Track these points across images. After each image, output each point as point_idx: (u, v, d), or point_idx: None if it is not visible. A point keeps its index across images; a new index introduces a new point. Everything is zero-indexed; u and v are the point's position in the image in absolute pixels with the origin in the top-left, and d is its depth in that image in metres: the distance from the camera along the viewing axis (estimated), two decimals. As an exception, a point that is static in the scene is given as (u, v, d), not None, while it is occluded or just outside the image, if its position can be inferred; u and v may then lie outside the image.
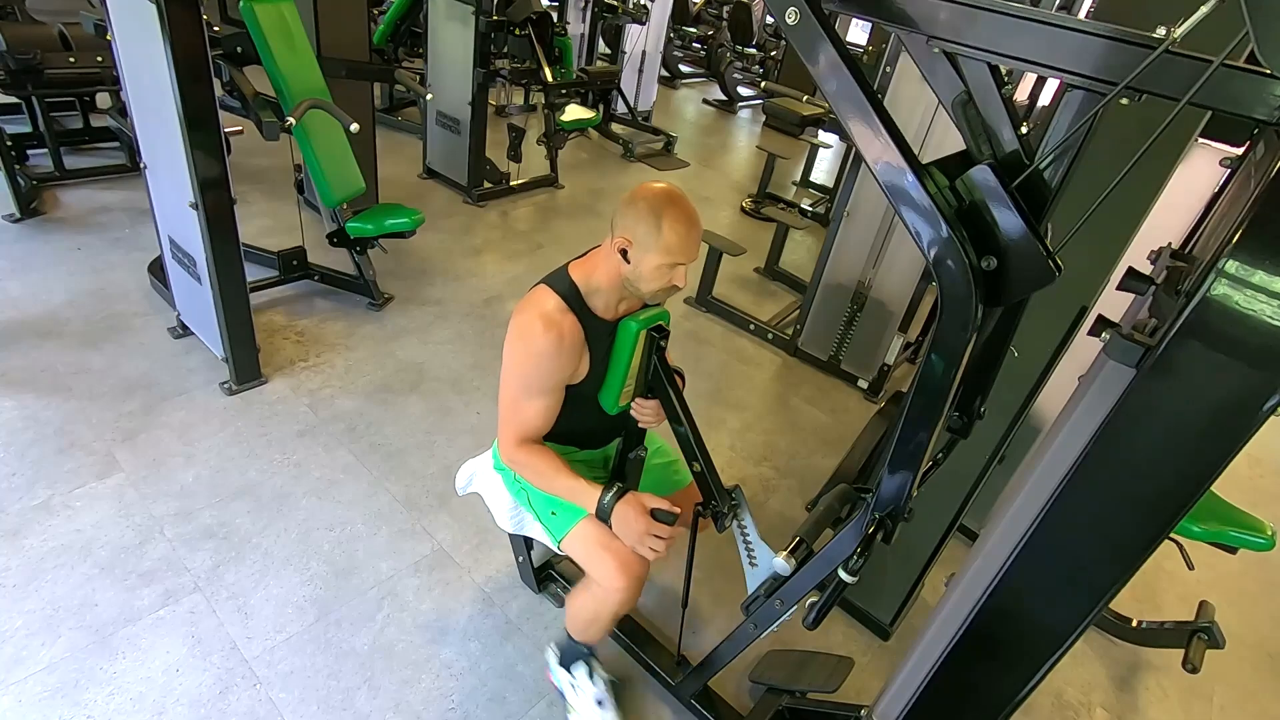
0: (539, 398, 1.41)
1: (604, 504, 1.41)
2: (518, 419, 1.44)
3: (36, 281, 2.83)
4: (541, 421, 1.45)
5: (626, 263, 1.33)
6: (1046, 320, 1.59)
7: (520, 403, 1.42)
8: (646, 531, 1.38)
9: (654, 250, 1.31)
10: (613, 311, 1.44)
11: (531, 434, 1.46)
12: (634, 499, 1.41)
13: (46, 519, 1.93)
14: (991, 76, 0.93)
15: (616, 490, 1.41)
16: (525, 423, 1.44)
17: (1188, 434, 0.85)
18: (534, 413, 1.43)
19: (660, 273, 1.33)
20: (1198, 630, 2.01)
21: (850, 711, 1.59)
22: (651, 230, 1.30)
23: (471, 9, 3.78)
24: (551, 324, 1.34)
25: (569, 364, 1.39)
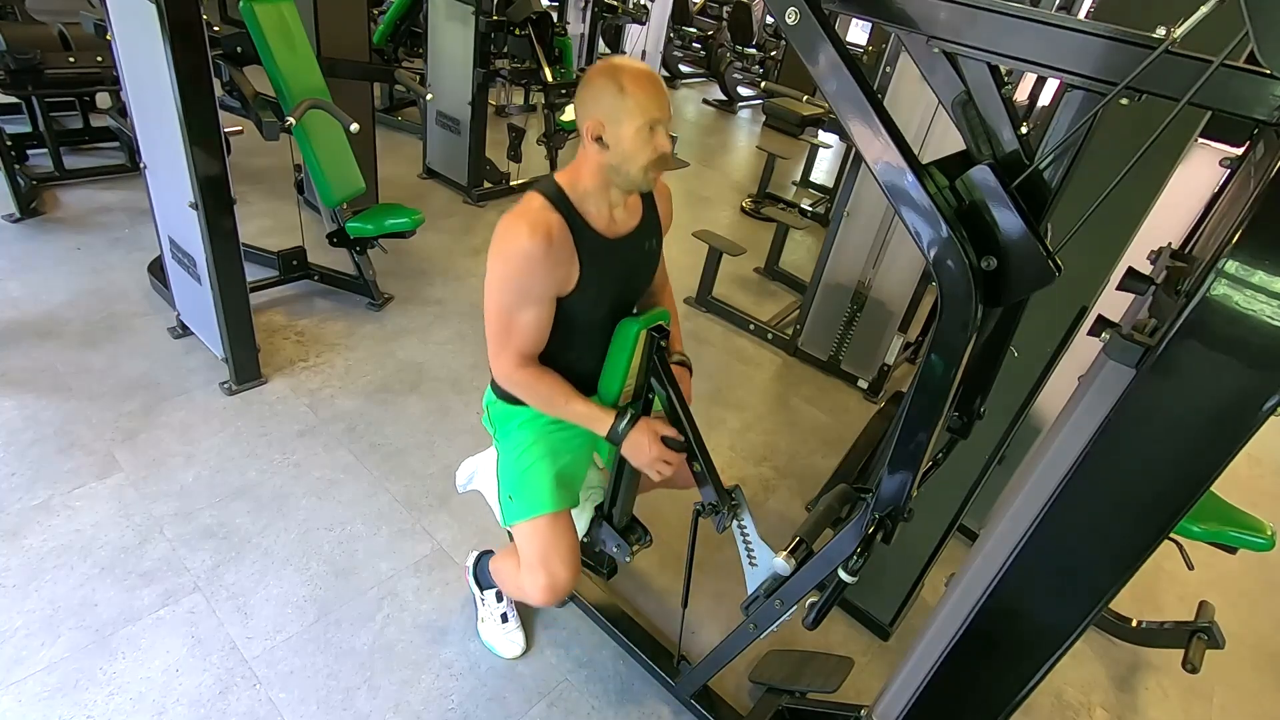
0: (530, 307, 1.32)
1: (618, 430, 1.38)
2: (511, 336, 1.35)
3: (36, 281, 2.83)
4: (536, 335, 1.36)
5: (605, 147, 1.27)
6: (1046, 320, 1.59)
7: (511, 316, 1.33)
8: (658, 458, 1.39)
9: (625, 116, 1.23)
10: (606, 220, 1.36)
11: (529, 350, 1.37)
12: (647, 426, 1.39)
13: (46, 519, 1.93)
14: (991, 76, 0.94)
15: (630, 417, 1.39)
16: (520, 339, 1.35)
17: (1188, 434, 0.85)
18: (526, 325, 1.34)
19: (641, 138, 1.25)
20: (1198, 630, 2.01)
21: (850, 711, 1.59)
22: (615, 98, 1.23)
23: (471, 9, 3.78)
24: (537, 224, 1.26)
25: (558, 268, 1.30)
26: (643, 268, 1.50)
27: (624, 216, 1.40)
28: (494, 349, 1.37)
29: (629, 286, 1.49)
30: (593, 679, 1.81)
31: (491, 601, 1.84)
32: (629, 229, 1.42)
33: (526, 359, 1.38)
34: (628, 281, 1.47)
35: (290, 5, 2.67)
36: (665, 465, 1.41)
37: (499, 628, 1.83)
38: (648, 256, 1.49)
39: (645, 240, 1.46)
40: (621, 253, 1.41)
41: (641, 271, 1.50)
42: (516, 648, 1.82)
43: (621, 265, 1.43)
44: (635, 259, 1.46)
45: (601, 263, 1.36)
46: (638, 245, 1.44)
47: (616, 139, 1.26)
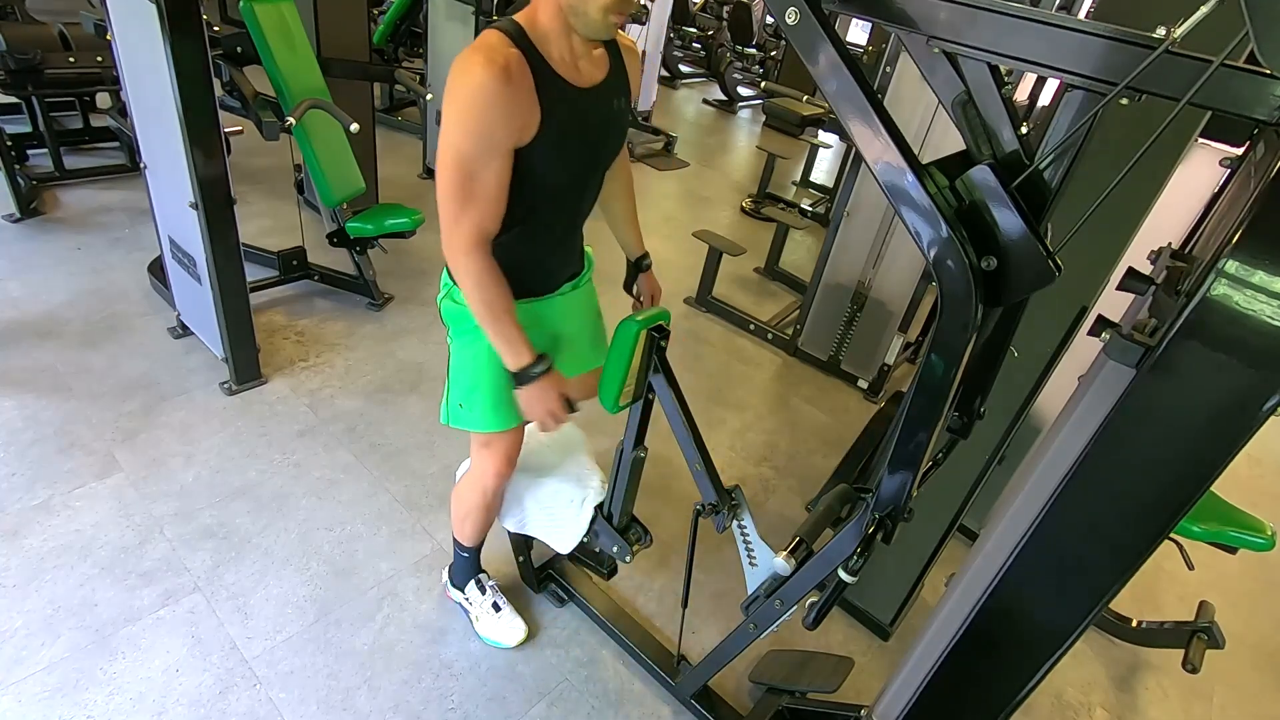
0: (491, 160, 1.19)
1: (530, 372, 1.32)
2: (470, 201, 1.21)
3: (36, 281, 2.83)
4: (495, 201, 1.23)
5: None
6: (1046, 320, 1.59)
7: (470, 171, 1.19)
8: (551, 413, 1.38)
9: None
10: (570, 67, 1.25)
11: (486, 224, 1.24)
12: (555, 381, 1.36)
13: (46, 519, 1.93)
14: (991, 76, 0.93)
15: (546, 368, 1.34)
16: (479, 205, 1.22)
17: (1188, 434, 0.85)
18: (486, 187, 1.20)
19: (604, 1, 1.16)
20: (1198, 630, 2.01)
21: (850, 711, 1.60)
22: None
23: (471, 9, 3.79)
24: (494, 57, 1.13)
25: (517, 111, 1.18)
26: (612, 129, 1.38)
27: (589, 68, 1.29)
28: (449, 220, 1.22)
29: (596, 148, 1.36)
30: (593, 679, 1.81)
31: (476, 596, 1.84)
32: (595, 81, 1.30)
33: (482, 238, 1.25)
34: (594, 141, 1.35)
35: (290, 5, 2.68)
36: (553, 421, 1.40)
37: (494, 619, 1.83)
38: (617, 116, 1.38)
39: (613, 98, 1.35)
40: (587, 105, 1.29)
41: (611, 133, 1.39)
42: (519, 632, 1.83)
43: (587, 120, 1.30)
44: (604, 116, 1.34)
45: (565, 112, 1.24)
46: (605, 101, 1.33)
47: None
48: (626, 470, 1.57)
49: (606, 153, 1.40)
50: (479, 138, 1.17)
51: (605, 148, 1.39)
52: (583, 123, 1.29)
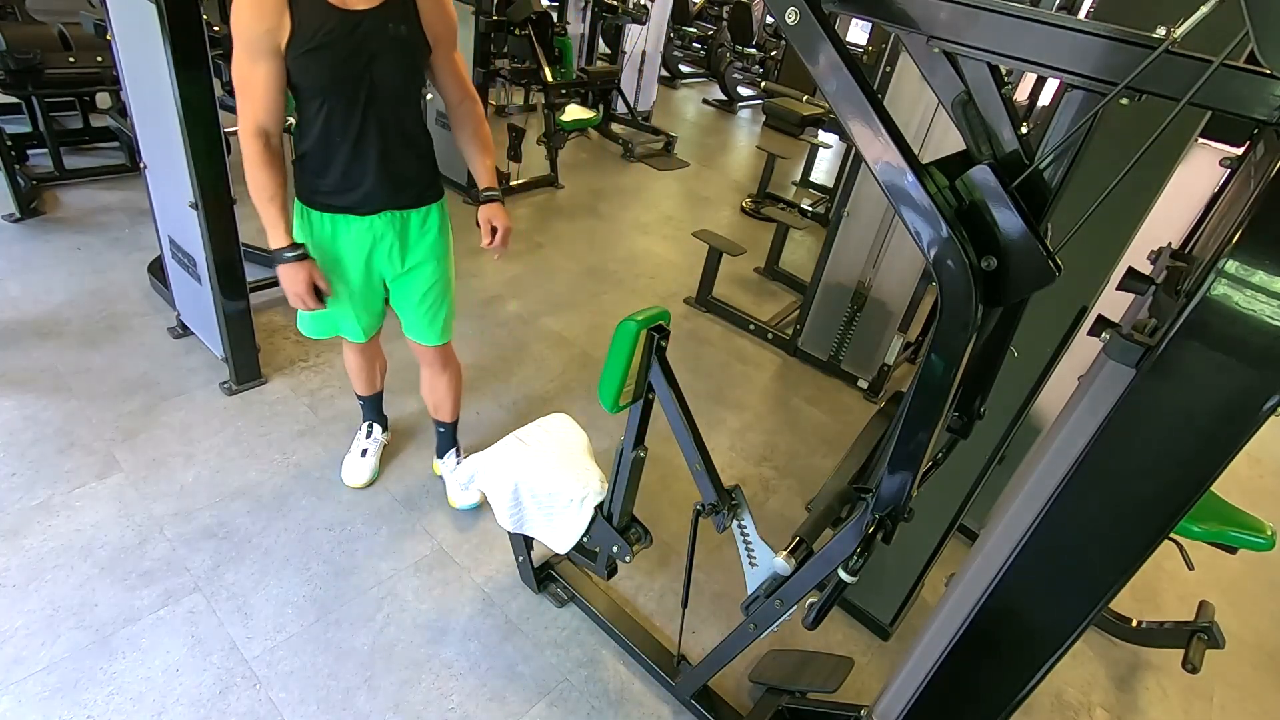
0: (255, 60, 1.41)
1: (283, 255, 1.57)
2: (244, 93, 1.45)
3: (36, 281, 2.83)
4: (265, 99, 1.45)
5: None
6: (1046, 320, 1.59)
7: (244, 75, 1.43)
8: (299, 295, 1.60)
9: None
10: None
11: (260, 118, 1.47)
12: (308, 269, 1.59)
13: (46, 519, 1.93)
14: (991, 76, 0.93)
15: (299, 254, 1.58)
16: (251, 99, 1.45)
17: (1188, 434, 0.85)
18: (255, 84, 1.43)
19: None
20: (1198, 630, 2.01)
21: (850, 711, 1.60)
22: None
23: (471, 9, 3.78)
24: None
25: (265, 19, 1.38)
26: (386, 53, 1.50)
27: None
28: (238, 107, 1.47)
29: (364, 67, 1.49)
30: (593, 679, 1.81)
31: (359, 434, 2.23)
32: (369, 4, 1.45)
33: (259, 129, 1.48)
34: (361, 61, 1.48)
35: (290, 5, 2.67)
36: (299, 302, 1.62)
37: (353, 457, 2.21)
38: (393, 42, 1.50)
39: (389, 22, 1.47)
40: (352, 24, 1.44)
41: (385, 57, 1.50)
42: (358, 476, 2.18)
43: (350, 39, 1.45)
44: (373, 39, 1.47)
45: (317, 24, 1.41)
46: (378, 24, 1.46)
47: None
48: (626, 470, 1.57)
49: (384, 74, 1.52)
50: (243, 44, 1.40)
51: (380, 68, 1.51)
52: (344, 40, 1.44)
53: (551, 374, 2.92)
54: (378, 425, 2.26)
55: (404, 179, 1.67)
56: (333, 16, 1.42)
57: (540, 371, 2.92)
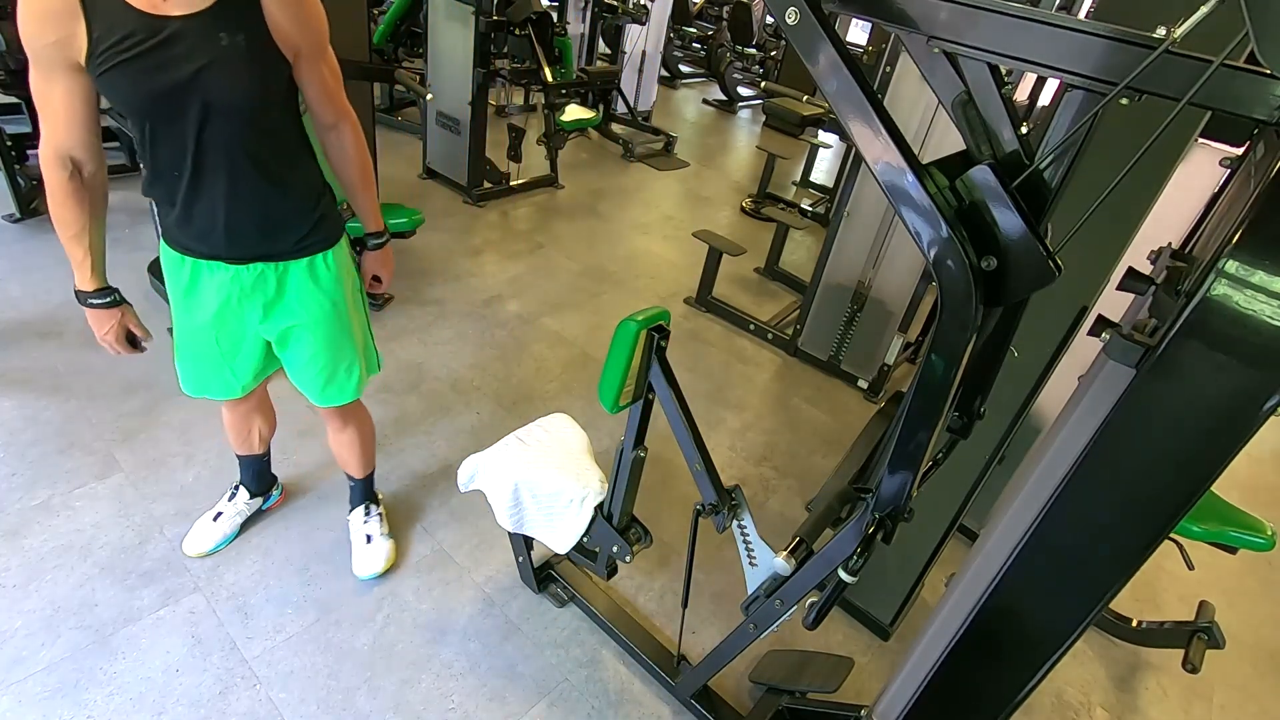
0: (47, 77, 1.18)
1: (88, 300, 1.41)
2: (43, 118, 1.22)
3: (36, 281, 2.83)
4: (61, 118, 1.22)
5: None
6: (1046, 320, 1.59)
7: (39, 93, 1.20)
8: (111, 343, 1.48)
9: None
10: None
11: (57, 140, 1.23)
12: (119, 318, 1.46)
13: (46, 519, 1.93)
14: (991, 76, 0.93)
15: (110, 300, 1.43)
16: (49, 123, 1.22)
17: (1188, 434, 0.85)
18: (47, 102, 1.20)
19: None
20: (1198, 630, 2.01)
21: (850, 711, 1.60)
22: None
23: (471, 9, 3.78)
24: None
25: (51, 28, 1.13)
26: (217, 67, 1.21)
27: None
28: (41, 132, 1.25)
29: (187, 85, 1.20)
30: (593, 679, 1.81)
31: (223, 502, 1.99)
32: (187, 10, 1.17)
33: (61, 156, 1.25)
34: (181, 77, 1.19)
35: (290, 5, 2.67)
36: (109, 348, 1.49)
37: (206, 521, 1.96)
38: (226, 53, 1.21)
39: (219, 30, 1.19)
40: (166, 33, 1.16)
41: (216, 72, 1.21)
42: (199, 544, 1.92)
43: (166, 50, 1.17)
44: (198, 51, 1.19)
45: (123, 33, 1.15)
46: (202, 33, 1.18)
47: None
48: (626, 470, 1.57)
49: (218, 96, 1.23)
50: (28, 49, 1.16)
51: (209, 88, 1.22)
52: (154, 52, 1.17)
53: (551, 374, 2.92)
54: (245, 489, 1.98)
55: (269, 221, 1.40)
56: (138, 24, 1.15)
57: (540, 371, 2.92)
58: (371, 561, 1.94)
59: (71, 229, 1.31)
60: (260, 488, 2.02)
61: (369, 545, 1.96)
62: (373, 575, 1.92)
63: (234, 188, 1.33)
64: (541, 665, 1.81)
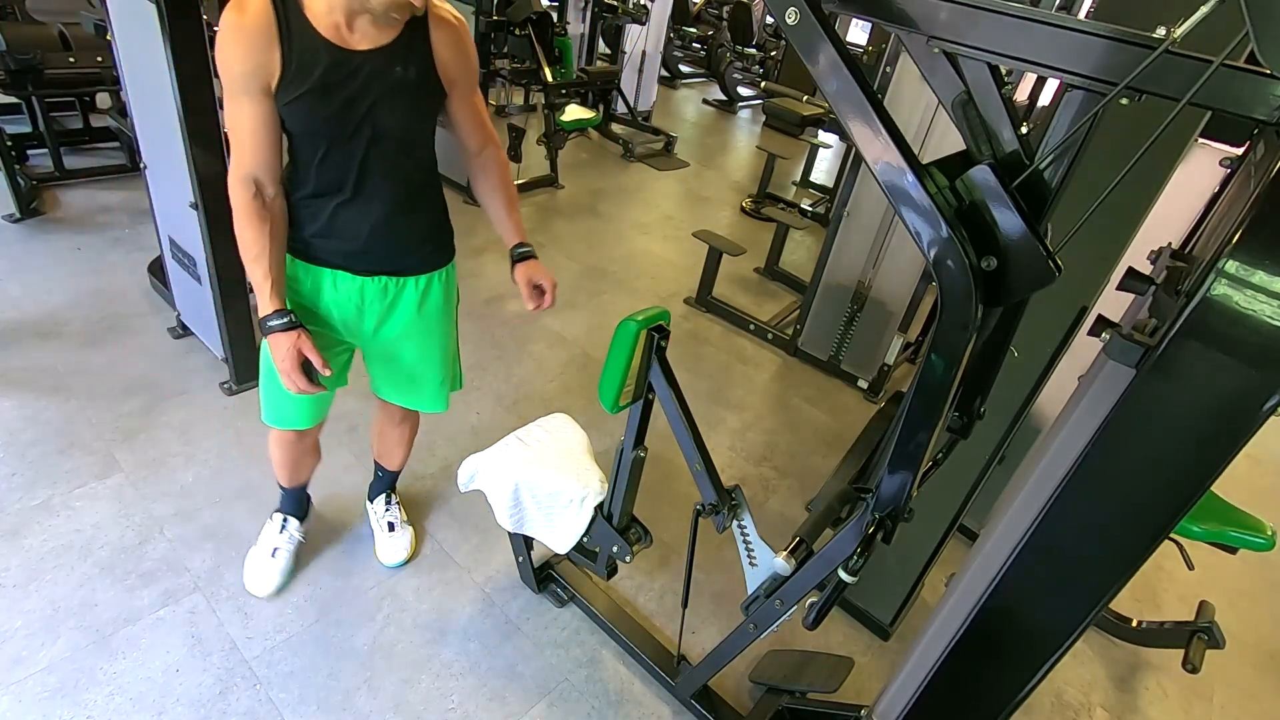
0: (243, 106, 1.24)
1: (268, 324, 1.35)
2: (233, 143, 1.28)
3: (36, 281, 2.83)
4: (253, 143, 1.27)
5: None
6: (1046, 320, 1.59)
7: (231, 118, 1.25)
8: (287, 372, 1.36)
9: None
10: (333, 24, 1.23)
11: (250, 164, 1.28)
12: (295, 339, 1.34)
13: (46, 519, 1.93)
14: (991, 76, 0.93)
15: (287, 322, 1.34)
16: (239, 144, 1.27)
17: (1188, 434, 0.85)
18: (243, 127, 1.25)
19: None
20: (1198, 630, 2.01)
21: (850, 711, 1.60)
22: None
23: (471, 9, 3.79)
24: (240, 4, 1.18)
25: (251, 56, 1.20)
26: (391, 97, 1.31)
27: (369, 30, 1.26)
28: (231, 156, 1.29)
29: (365, 114, 1.30)
30: (593, 679, 1.81)
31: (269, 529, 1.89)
32: (372, 45, 1.26)
33: (248, 178, 1.29)
34: (362, 107, 1.29)
35: (290, 5, 2.67)
36: (287, 381, 1.37)
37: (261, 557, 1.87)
38: (398, 84, 1.31)
39: (396, 64, 1.29)
40: (352, 68, 1.25)
41: (389, 102, 1.31)
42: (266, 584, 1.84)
43: (349, 82, 1.26)
44: (377, 83, 1.28)
45: (316, 66, 1.23)
46: (382, 67, 1.28)
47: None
48: (626, 470, 1.57)
49: (386, 123, 1.33)
50: (228, 84, 1.23)
51: (380, 116, 1.32)
52: (341, 84, 1.26)
53: (551, 374, 2.92)
54: (294, 519, 1.92)
55: (409, 239, 1.49)
56: (330, 56, 1.23)
57: (540, 371, 2.92)
58: (396, 549, 1.96)
59: (253, 249, 1.33)
60: (305, 511, 1.99)
61: (392, 534, 1.98)
62: (399, 563, 1.94)
63: (384, 205, 1.41)
64: (541, 665, 1.81)
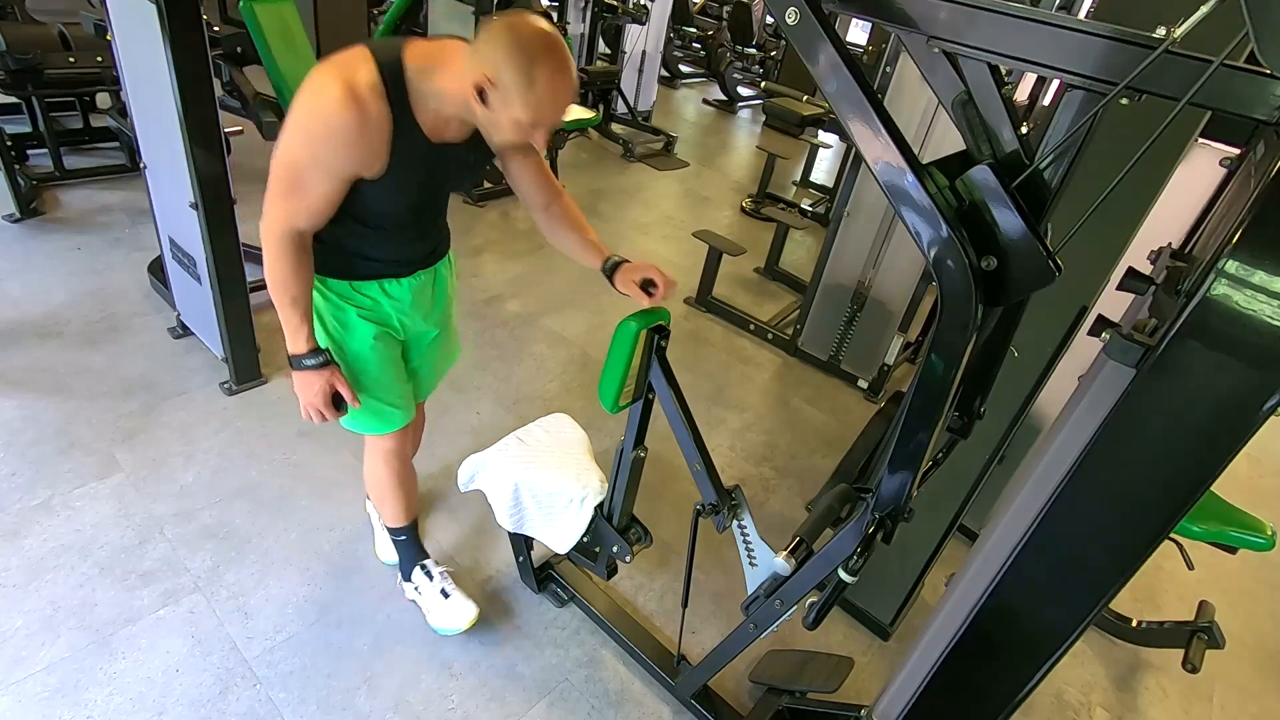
0: (322, 183, 1.23)
1: (301, 362, 1.36)
2: (292, 197, 1.24)
3: (36, 281, 2.83)
4: (318, 210, 1.27)
5: (482, 104, 1.16)
6: (1046, 320, 1.59)
7: (300, 180, 1.22)
8: (317, 407, 1.39)
9: (519, 105, 1.14)
10: (437, 130, 1.28)
11: (302, 223, 1.27)
12: (327, 375, 1.37)
13: (46, 519, 1.93)
14: (991, 76, 0.93)
15: (322, 360, 1.37)
16: (300, 205, 1.25)
17: (1188, 434, 0.85)
18: (310, 196, 1.24)
19: (518, 129, 1.18)
20: (1198, 630, 2.02)
21: (850, 711, 1.59)
22: (520, 80, 1.12)
23: (471, 9, 3.79)
24: (356, 101, 1.14)
25: (364, 156, 1.21)
26: (458, 175, 1.44)
27: (461, 129, 1.31)
28: (269, 200, 1.25)
29: (437, 190, 1.45)
30: (593, 679, 1.81)
31: (424, 583, 1.82)
32: (459, 138, 1.32)
33: (292, 230, 1.27)
34: (437, 186, 1.42)
35: (290, 5, 2.68)
36: (315, 414, 1.40)
37: (443, 606, 1.81)
38: (471, 164, 1.43)
39: (473, 152, 1.37)
40: (440, 157, 1.33)
41: (456, 178, 1.45)
42: (469, 613, 1.79)
43: (435, 169, 1.35)
44: (453, 166, 1.39)
45: (413, 163, 1.29)
46: (462, 155, 1.36)
47: (497, 110, 1.16)
48: (626, 470, 1.57)
49: (448, 193, 1.52)
50: (316, 161, 1.21)
51: (449, 189, 1.49)
52: (430, 170, 1.34)
53: (551, 374, 2.92)
54: (429, 561, 1.85)
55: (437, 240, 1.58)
56: (426, 151, 1.29)
57: (540, 371, 2.92)
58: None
59: (293, 290, 1.32)
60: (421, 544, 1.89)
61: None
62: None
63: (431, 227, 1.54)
64: (541, 665, 1.81)
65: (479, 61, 1.13)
